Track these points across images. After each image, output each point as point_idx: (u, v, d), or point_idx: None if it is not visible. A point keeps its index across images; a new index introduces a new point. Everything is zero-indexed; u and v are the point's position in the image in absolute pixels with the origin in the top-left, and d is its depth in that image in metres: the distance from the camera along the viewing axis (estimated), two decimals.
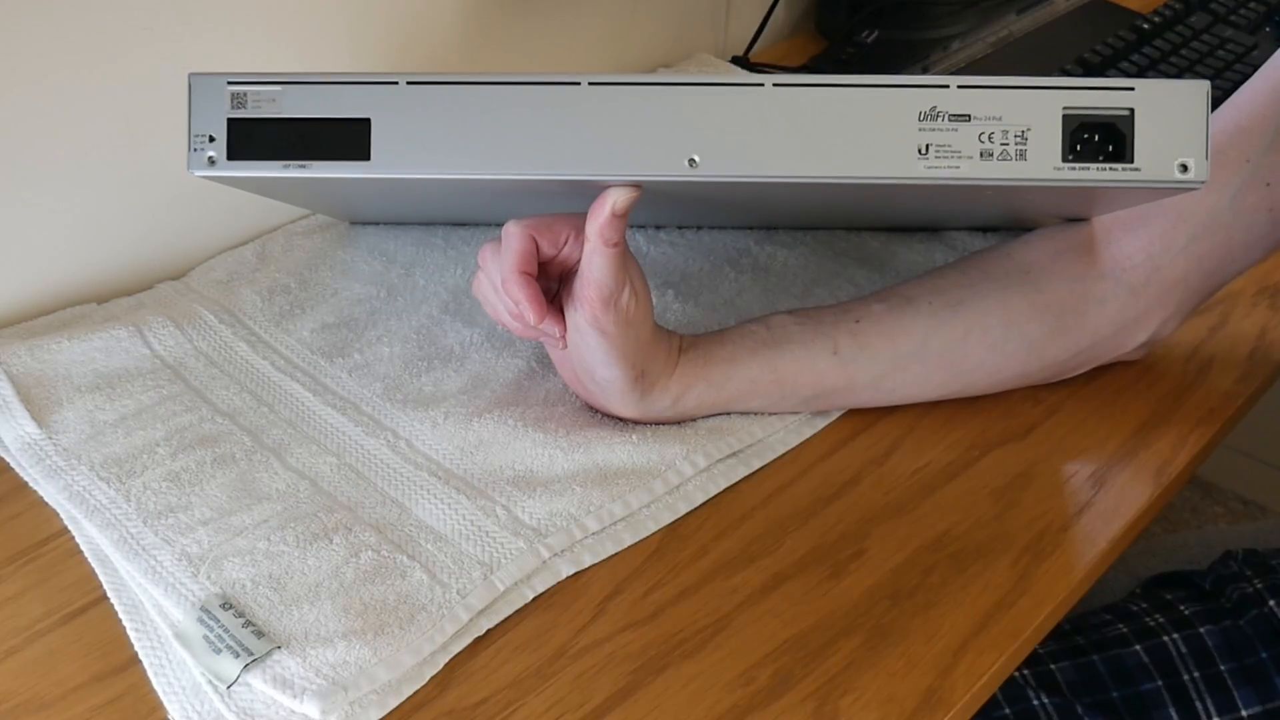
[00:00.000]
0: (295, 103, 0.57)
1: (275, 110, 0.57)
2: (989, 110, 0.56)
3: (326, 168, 0.58)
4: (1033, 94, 0.56)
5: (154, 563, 0.60)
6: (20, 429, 0.67)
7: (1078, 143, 0.56)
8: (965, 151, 0.56)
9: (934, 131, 0.56)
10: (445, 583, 0.59)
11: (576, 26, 0.97)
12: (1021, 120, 0.56)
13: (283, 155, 0.58)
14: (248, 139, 0.58)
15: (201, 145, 0.58)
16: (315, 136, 0.57)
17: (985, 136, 0.56)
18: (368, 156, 0.58)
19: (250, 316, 0.76)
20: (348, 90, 0.57)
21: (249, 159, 0.58)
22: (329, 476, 0.65)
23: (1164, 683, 0.77)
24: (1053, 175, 0.56)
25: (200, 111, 0.58)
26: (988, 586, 0.61)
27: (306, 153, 0.58)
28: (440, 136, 0.57)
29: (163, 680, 0.56)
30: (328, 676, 0.54)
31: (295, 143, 0.58)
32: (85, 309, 0.77)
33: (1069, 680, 0.78)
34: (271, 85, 0.57)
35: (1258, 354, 0.76)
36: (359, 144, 0.57)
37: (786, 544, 0.63)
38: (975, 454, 0.69)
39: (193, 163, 0.58)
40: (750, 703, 0.56)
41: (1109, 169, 0.56)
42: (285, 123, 0.57)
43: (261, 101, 0.57)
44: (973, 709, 0.57)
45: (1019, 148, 0.56)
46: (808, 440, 0.69)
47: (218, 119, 0.58)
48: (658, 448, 0.67)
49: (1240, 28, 1.08)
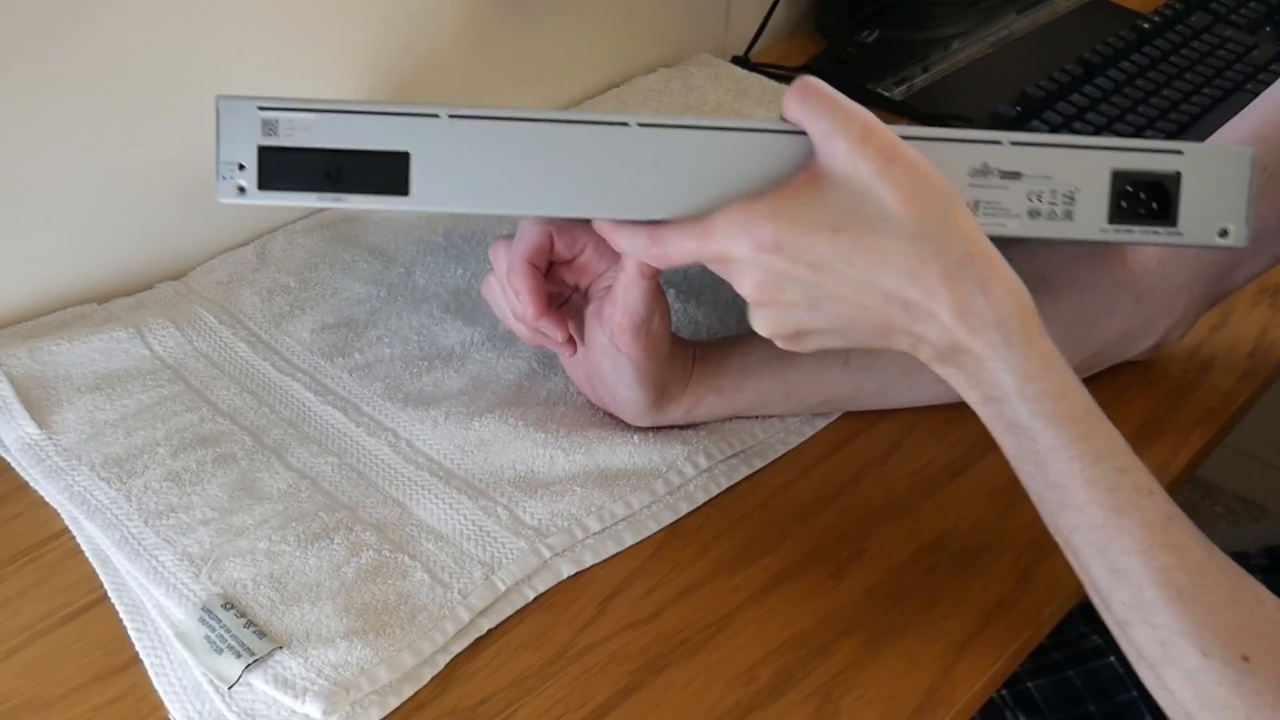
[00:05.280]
0: (331, 132, 0.54)
1: (309, 139, 0.54)
2: (1039, 169, 0.56)
3: (363, 201, 0.55)
4: (1083, 154, 0.56)
5: (155, 563, 0.60)
6: (20, 429, 0.67)
7: (1123, 200, 0.56)
8: (1013, 210, 0.56)
9: (984, 189, 0.56)
10: (446, 582, 0.59)
11: (576, 26, 0.97)
12: (1070, 180, 0.56)
13: (317, 187, 0.55)
14: (280, 168, 0.55)
15: (230, 173, 0.54)
16: (352, 168, 0.55)
17: (1034, 195, 0.56)
18: (406, 191, 0.55)
19: (250, 317, 0.76)
20: (387, 121, 0.54)
21: (281, 189, 0.55)
22: (330, 476, 0.65)
23: (1138, 693, 0.75)
24: (1097, 236, 0.57)
25: (229, 137, 0.54)
26: (988, 586, 0.61)
27: (342, 185, 0.55)
28: (483, 173, 0.55)
29: (164, 680, 0.56)
30: (329, 677, 0.54)
31: (331, 174, 0.55)
32: (85, 309, 0.77)
33: (1045, 697, 0.77)
34: (306, 112, 0.54)
35: (1258, 353, 0.76)
36: (398, 178, 0.55)
37: (787, 543, 0.63)
38: (976, 454, 0.69)
39: (221, 191, 0.55)
40: (751, 702, 0.56)
41: (1152, 232, 0.57)
42: (320, 153, 0.54)
43: (295, 129, 0.54)
44: (973, 708, 0.57)
45: (1066, 208, 0.56)
46: (809, 440, 0.69)
47: (248, 146, 0.54)
48: (659, 448, 0.67)
49: (1240, 28, 1.08)
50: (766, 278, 0.52)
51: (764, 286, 0.53)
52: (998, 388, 0.52)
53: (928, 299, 0.51)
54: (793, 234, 0.51)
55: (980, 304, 0.51)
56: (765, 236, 0.51)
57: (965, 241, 0.51)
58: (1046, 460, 0.52)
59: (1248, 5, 1.11)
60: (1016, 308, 0.51)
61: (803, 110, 0.52)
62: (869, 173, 0.50)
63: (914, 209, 0.50)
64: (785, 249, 0.51)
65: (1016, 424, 0.52)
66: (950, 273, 0.50)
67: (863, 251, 0.51)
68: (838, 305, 0.53)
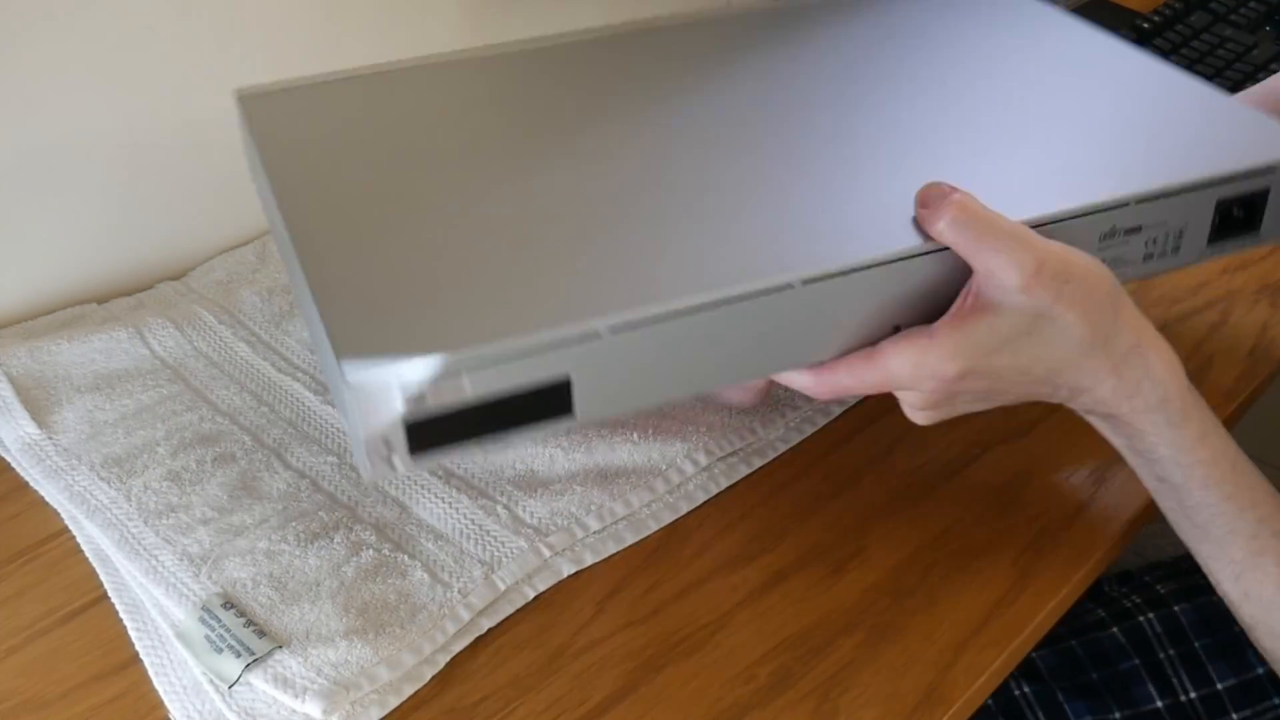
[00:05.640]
0: (485, 383, 0.47)
1: (461, 398, 0.47)
2: (1156, 218, 0.57)
3: (525, 432, 0.50)
4: (1194, 195, 0.57)
5: (155, 562, 0.60)
6: (20, 429, 0.67)
7: (1221, 223, 0.58)
8: (1131, 258, 0.57)
9: (1110, 249, 0.56)
10: (446, 582, 0.59)
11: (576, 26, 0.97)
12: (1181, 220, 0.57)
13: (476, 435, 0.49)
14: (433, 434, 0.48)
15: (379, 455, 0.47)
16: (509, 410, 0.48)
17: (1150, 242, 0.57)
18: (570, 412, 0.50)
19: (250, 317, 0.76)
20: (544, 355, 0.48)
21: (437, 449, 0.48)
22: (329, 476, 0.65)
23: (1140, 661, 0.78)
24: (1196, 261, 0.59)
25: (369, 419, 0.46)
26: (988, 584, 0.61)
27: (502, 427, 0.49)
28: (649, 372, 0.50)
29: (164, 680, 0.56)
30: (329, 676, 0.54)
31: (489, 421, 0.48)
32: (85, 309, 0.77)
33: (1049, 666, 0.78)
34: (452, 375, 0.47)
35: (1258, 352, 0.76)
36: (561, 404, 0.49)
37: (787, 542, 0.63)
38: (976, 452, 0.69)
39: (371, 472, 0.48)
40: (751, 700, 0.56)
41: (1239, 243, 0.60)
42: (473, 408, 0.48)
43: (443, 391, 0.47)
44: (973, 706, 0.57)
45: (1175, 244, 0.58)
46: (808, 438, 0.69)
47: (392, 424, 0.47)
48: (659, 446, 0.67)
49: (1240, 27, 1.08)
50: (941, 398, 0.54)
51: (936, 405, 0.55)
52: (1153, 452, 0.56)
53: (1095, 384, 0.54)
54: (973, 364, 0.52)
55: (1146, 388, 0.54)
56: (951, 373, 0.52)
57: (1132, 333, 0.54)
58: (1191, 510, 0.57)
59: (1247, 5, 1.11)
60: (1178, 389, 0.55)
61: (961, 241, 0.52)
62: (1046, 302, 0.51)
63: (1089, 321, 0.52)
64: (967, 378, 0.53)
65: (1166, 479, 0.57)
66: (1119, 364, 0.54)
67: (1039, 364, 0.53)
68: (1006, 398, 0.55)
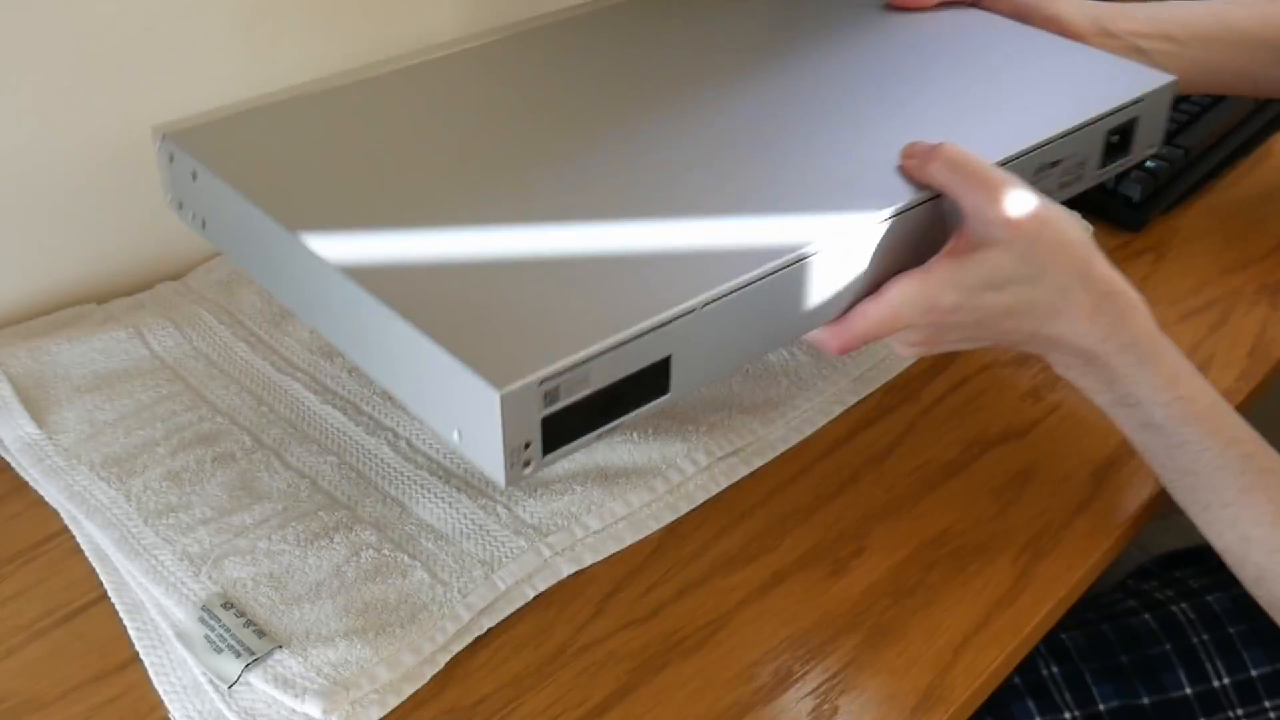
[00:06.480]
0: (603, 372, 0.50)
1: (585, 388, 0.50)
2: (1070, 151, 0.66)
3: (628, 416, 0.52)
4: (1093, 128, 0.66)
5: (155, 562, 0.60)
6: (20, 429, 0.67)
7: (1107, 148, 0.68)
8: (1052, 188, 0.65)
9: (1041, 180, 0.64)
10: (446, 581, 0.59)
11: None
12: (1085, 150, 0.67)
13: (595, 426, 0.51)
14: (561, 429, 0.50)
15: (517, 458, 0.49)
16: (622, 395, 0.51)
17: (1064, 171, 0.66)
18: (667, 390, 0.53)
19: (249, 317, 0.76)
20: (649, 338, 0.51)
21: (563, 445, 0.51)
22: (329, 475, 0.65)
23: (1172, 646, 0.77)
24: (1092, 183, 0.69)
25: (513, 424, 0.48)
26: (988, 584, 0.61)
27: (613, 413, 0.51)
28: (732, 341, 0.54)
29: (163, 679, 0.56)
30: (329, 676, 0.54)
31: (604, 409, 0.51)
32: (85, 309, 0.77)
33: (1079, 647, 0.78)
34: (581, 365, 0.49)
35: (1257, 352, 0.76)
36: (660, 382, 0.52)
37: (787, 542, 0.63)
38: (976, 451, 0.69)
39: (509, 478, 0.49)
40: (750, 700, 0.56)
41: (1117, 164, 0.70)
42: (595, 396, 0.50)
43: (573, 385, 0.49)
44: (973, 706, 0.57)
45: (1079, 172, 0.67)
46: (808, 438, 0.69)
47: (531, 424, 0.49)
48: (658, 446, 0.67)
49: None
50: (932, 332, 0.59)
51: (929, 339, 0.60)
52: (1132, 396, 0.60)
53: (1072, 325, 0.59)
54: (967, 297, 0.58)
55: (1119, 329, 0.59)
56: (947, 303, 0.58)
57: (1104, 281, 0.59)
58: (1178, 453, 0.60)
59: None
60: (1147, 330, 0.60)
61: (953, 182, 0.58)
62: (1028, 240, 0.57)
63: (1066, 261, 0.58)
64: (960, 310, 0.58)
65: (1149, 423, 0.60)
66: (1094, 308, 0.59)
67: (1020, 302, 0.58)
68: (987, 338, 0.61)
